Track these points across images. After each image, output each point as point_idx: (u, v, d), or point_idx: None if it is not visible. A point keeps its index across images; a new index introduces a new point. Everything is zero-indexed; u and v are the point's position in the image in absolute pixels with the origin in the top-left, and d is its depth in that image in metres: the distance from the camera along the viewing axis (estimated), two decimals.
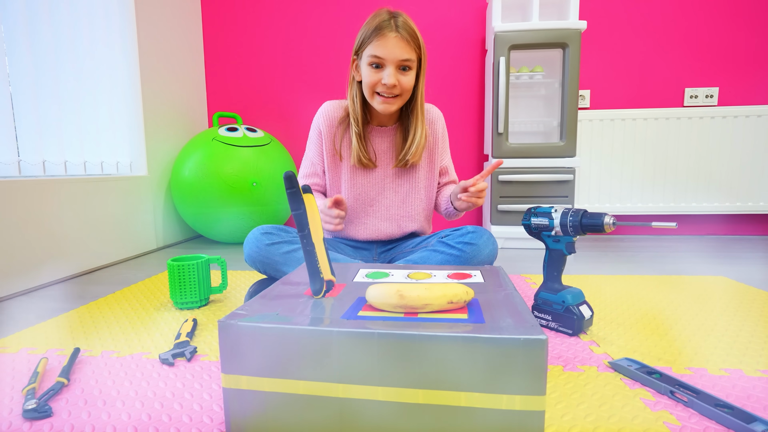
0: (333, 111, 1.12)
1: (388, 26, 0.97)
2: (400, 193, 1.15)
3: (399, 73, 0.99)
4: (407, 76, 1.01)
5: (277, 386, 0.53)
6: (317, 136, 1.13)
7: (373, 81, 1.00)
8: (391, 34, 0.96)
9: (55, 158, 1.41)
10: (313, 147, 1.15)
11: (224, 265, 1.11)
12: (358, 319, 0.54)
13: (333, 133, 1.11)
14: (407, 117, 1.10)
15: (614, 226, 0.79)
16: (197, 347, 0.81)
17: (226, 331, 0.53)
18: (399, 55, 0.97)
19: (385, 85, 0.99)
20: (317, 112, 1.14)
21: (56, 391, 0.63)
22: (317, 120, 1.13)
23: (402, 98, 1.03)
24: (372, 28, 0.98)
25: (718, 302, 1.07)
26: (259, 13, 2.21)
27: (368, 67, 1.00)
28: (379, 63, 0.98)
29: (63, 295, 1.21)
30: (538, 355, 0.47)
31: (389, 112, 1.04)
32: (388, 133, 1.13)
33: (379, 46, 0.97)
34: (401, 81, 1.00)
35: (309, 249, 0.63)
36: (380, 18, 0.99)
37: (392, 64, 0.98)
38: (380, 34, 0.97)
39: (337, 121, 1.11)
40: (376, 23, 0.98)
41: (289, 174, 0.61)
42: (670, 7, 2.01)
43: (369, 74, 1.00)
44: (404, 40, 0.97)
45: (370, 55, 0.98)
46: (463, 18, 2.12)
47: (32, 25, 1.32)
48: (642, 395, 0.63)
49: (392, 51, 0.97)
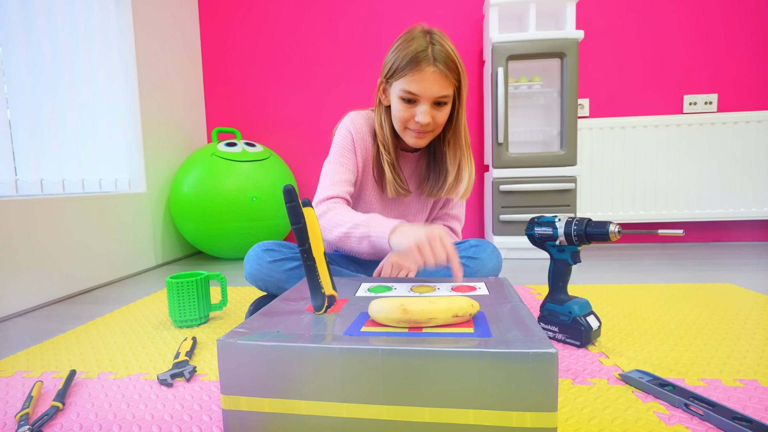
0: (364, 125, 1.01)
1: (426, 58, 0.85)
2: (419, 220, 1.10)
3: (434, 109, 0.90)
4: (442, 111, 0.91)
5: (279, 407, 0.51)
6: (350, 149, 0.99)
7: (405, 117, 0.91)
8: (429, 69, 0.85)
9: (53, 177, 1.40)
10: (350, 155, 0.99)
11: (224, 282, 1.09)
12: (361, 335, 0.53)
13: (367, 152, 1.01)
14: (438, 145, 1.01)
15: (620, 234, 0.77)
16: (196, 366, 0.79)
17: (226, 350, 0.51)
18: (436, 92, 0.87)
19: (418, 123, 0.90)
20: (348, 122, 1.00)
21: (50, 416, 0.61)
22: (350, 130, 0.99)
23: (434, 132, 0.94)
24: (407, 58, 0.86)
25: (728, 310, 1.04)
26: (257, 28, 2.23)
27: (400, 101, 0.91)
28: (412, 98, 0.89)
29: (60, 316, 1.19)
30: (548, 370, 0.45)
31: (421, 146, 0.96)
32: (413, 159, 1.05)
33: (415, 82, 0.87)
34: (435, 117, 0.90)
35: (310, 264, 0.62)
36: (416, 44, 0.87)
37: (427, 101, 0.88)
38: (416, 68, 0.86)
39: (368, 139, 1.00)
40: (412, 51, 0.86)
41: (289, 188, 0.59)
42: (667, 14, 2.02)
43: (401, 109, 0.91)
44: (443, 75, 0.86)
45: (403, 89, 0.89)
46: (459, 29, 2.13)
47: (29, 43, 1.32)
48: (656, 408, 0.60)
49: (429, 88, 0.87)
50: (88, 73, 1.55)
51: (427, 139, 0.95)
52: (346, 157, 0.99)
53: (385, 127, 0.97)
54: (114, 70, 1.68)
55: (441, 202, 1.12)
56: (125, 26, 1.72)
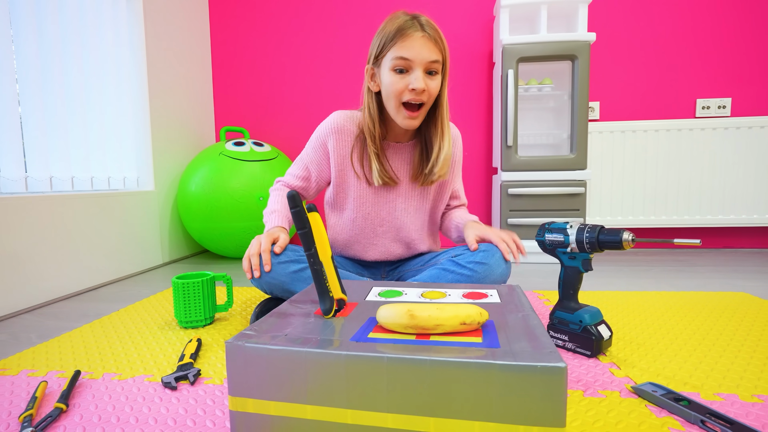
0: (345, 124, 1.03)
1: (412, 26, 0.89)
2: (411, 213, 1.09)
3: (426, 78, 0.91)
4: (434, 80, 0.92)
5: (285, 410, 0.51)
6: (321, 146, 1.05)
7: (399, 88, 0.91)
8: (417, 34, 0.88)
9: (63, 174, 1.41)
10: (313, 154, 1.07)
11: (230, 283, 1.09)
12: (368, 341, 0.52)
13: (345, 148, 1.03)
14: (427, 129, 1.01)
15: (633, 243, 0.76)
16: (201, 369, 0.78)
17: (234, 352, 0.52)
18: (427, 56, 0.89)
19: (413, 91, 0.89)
20: (326, 122, 1.05)
21: (54, 417, 0.61)
22: (325, 131, 1.04)
23: (425, 107, 0.95)
24: (393, 30, 0.90)
25: (743, 320, 1.02)
26: (267, 27, 2.23)
27: (392, 73, 0.91)
28: (404, 66, 0.90)
29: (67, 313, 1.20)
30: (556, 384, 0.44)
31: (414, 127, 0.97)
32: (404, 150, 1.05)
33: (405, 47, 0.88)
34: (429, 86, 0.91)
35: (317, 268, 0.61)
36: (401, 20, 0.90)
37: (420, 66, 0.89)
38: (404, 35, 0.88)
39: (349, 136, 1.03)
40: (397, 25, 0.90)
41: (293, 193, 0.59)
42: (680, 18, 1.99)
43: (394, 81, 0.91)
44: (432, 39, 0.89)
45: (394, 57, 0.89)
46: (470, 31, 2.12)
47: (41, 42, 1.33)
48: (670, 424, 0.59)
49: (420, 51, 0.88)
50: (98, 71, 1.56)
51: (420, 117, 0.95)
52: (309, 155, 1.08)
53: (374, 116, 0.98)
54: (124, 68, 1.69)
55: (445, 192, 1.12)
56: (136, 24, 1.73)
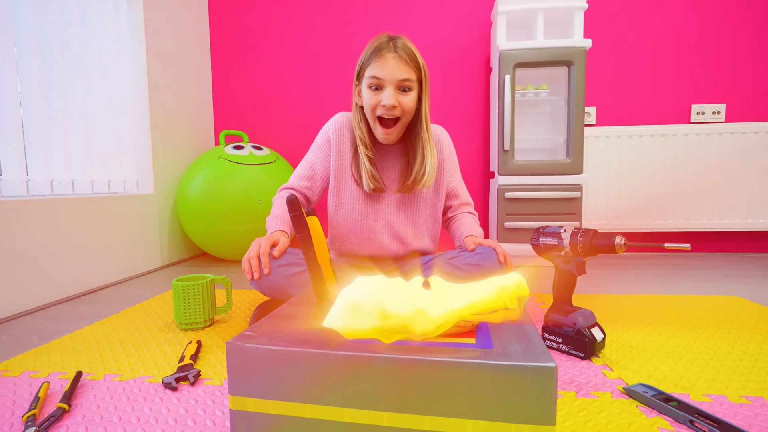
0: (347, 124, 1.12)
1: (387, 47, 0.98)
2: (405, 211, 1.14)
3: (399, 94, 1.00)
4: (407, 96, 1.01)
5: (284, 409, 0.52)
6: (326, 142, 1.12)
7: (373, 103, 1.00)
8: (389, 55, 0.97)
9: (63, 177, 1.42)
10: (318, 152, 1.14)
11: (229, 285, 1.10)
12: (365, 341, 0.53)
13: (344, 146, 1.10)
14: (410, 141, 1.09)
15: (625, 247, 0.77)
16: (201, 370, 0.79)
17: (234, 352, 0.53)
18: (397, 75, 0.98)
19: (384, 107, 0.99)
20: (331, 121, 1.13)
21: (56, 417, 0.62)
22: (329, 127, 1.12)
23: (402, 122, 1.03)
24: (371, 51, 1.00)
25: (734, 323, 1.04)
26: (267, 31, 2.25)
27: (368, 90, 1.01)
28: (378, 84, 0.99)
29: (67, 315, 1.21)
30: (546, 384, 0.45)
31: (390, 141, 1.06)
32: (394, 155, 1.12)
33: (377, 67, 0.98)
34: (401, 102, 1.00)
35: (315, 271, 0.63)
36: (379, 41, 1.00)
37: (391, 84, 0.98)
38: (378, 56, 0.98)
39: (349, 136, 1.11)
40: (375, 46, 1.00)
41: (291, 198, 0.60)
42: (675, 24, 2.02)
43: (369, 97, 1.01)
44: (402, 60, 0.98)
45: (369, 76, 0.99)
46: (467, 36, 2.14)
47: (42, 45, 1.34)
48: (660, 424, 0.60)
49: (390, 71, 0.97)
50: (98, 75, 1.57)
51: (395, 133, 1.03)
52: (314, 153, 1.14)
53: (362, 126, 1.07)
54: (124, 71, 1.71)
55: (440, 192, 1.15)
56: (137, 28, 1.74)
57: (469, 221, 1.16)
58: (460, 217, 1.18)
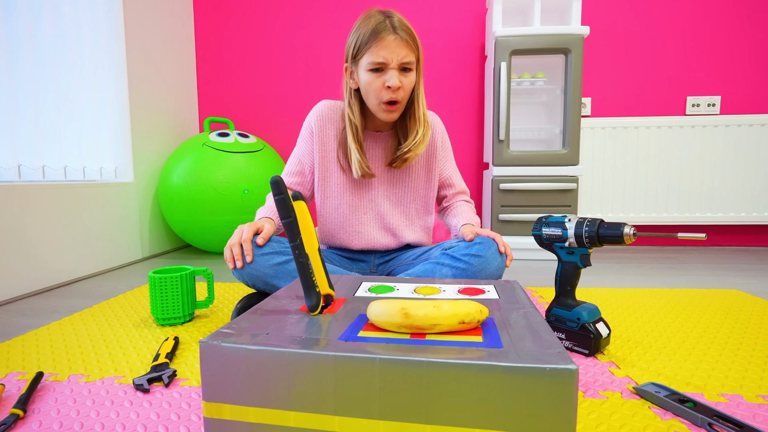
0: (329, 113, 1.06)
1: (386, 28, 0.92)
2: (395, 201, 1.09)
3: (401, 75, 0.95)
4: (408, 77, 0.96)
5: (265, 417, 0.46)
6: (309, 135, 1.07)
7: (376, 87, 0.94)
8: (390, 37, 0.92)
9: (32, 162, 1.33)
10: (303, 145, 1.09)
11: (211, 278, 1.03)
12: (358, 340, 0.48)
13: (328, 136, 1.05)
14: (403, 120, 1.04)
15: (635, 237, 0.72)
16: (177, 370, 0.73)
17: (209, 353, 0.47)
18: (401, 58, 0.93)
19: (389, 89, 0.94)
20: (312, 111, 1.09)
21: (8, 425, 0.55)
22: (311, 118, 1.07)
23: (403, 102, 0.98)
24: (368, 33, 0.93)
25: (738, 318, 1.00)
26: (252, 16, 2.16)
27: (369, 74, 0.95)
28: (380, 67, 0.93)
29: (35, 310, 1.13)
30: (566, 388, 0.40)
31: (394, 119, 1.00)
32: (383, 139, 1.07)
33: (379, 51, 0.92)
34: (404, 82, 0.95)
35: (302, 261, 0.56)
36: (375, 20, 0.93)
37: (395, 66, 0.93)
38: (378, 38, 0.92)
39: (332, 125, 1.05)
40: (371, 27, 0.93)
41: (276, 179, 0.54)
42: (673, 15, 1.98)
43: (371, 80, 0.95)
44: (404, 41, 0.93)
45: (370, 62, 0.93)
46: (462, 23, 2.08)
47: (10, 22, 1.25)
48: (676, 427, 0.56)
49: (393, 53, 0.92)
50: (73, 56, 1.47)
51: (398, 111, 0.99)
52: (300, 147, 1.09)
53: (355, 110, 1.01)
54: (101, 53, 1.60)
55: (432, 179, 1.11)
56: (115, 8, 1.64)
57: (465, 209, 1.11)
58: (456, 205, 1.13)
